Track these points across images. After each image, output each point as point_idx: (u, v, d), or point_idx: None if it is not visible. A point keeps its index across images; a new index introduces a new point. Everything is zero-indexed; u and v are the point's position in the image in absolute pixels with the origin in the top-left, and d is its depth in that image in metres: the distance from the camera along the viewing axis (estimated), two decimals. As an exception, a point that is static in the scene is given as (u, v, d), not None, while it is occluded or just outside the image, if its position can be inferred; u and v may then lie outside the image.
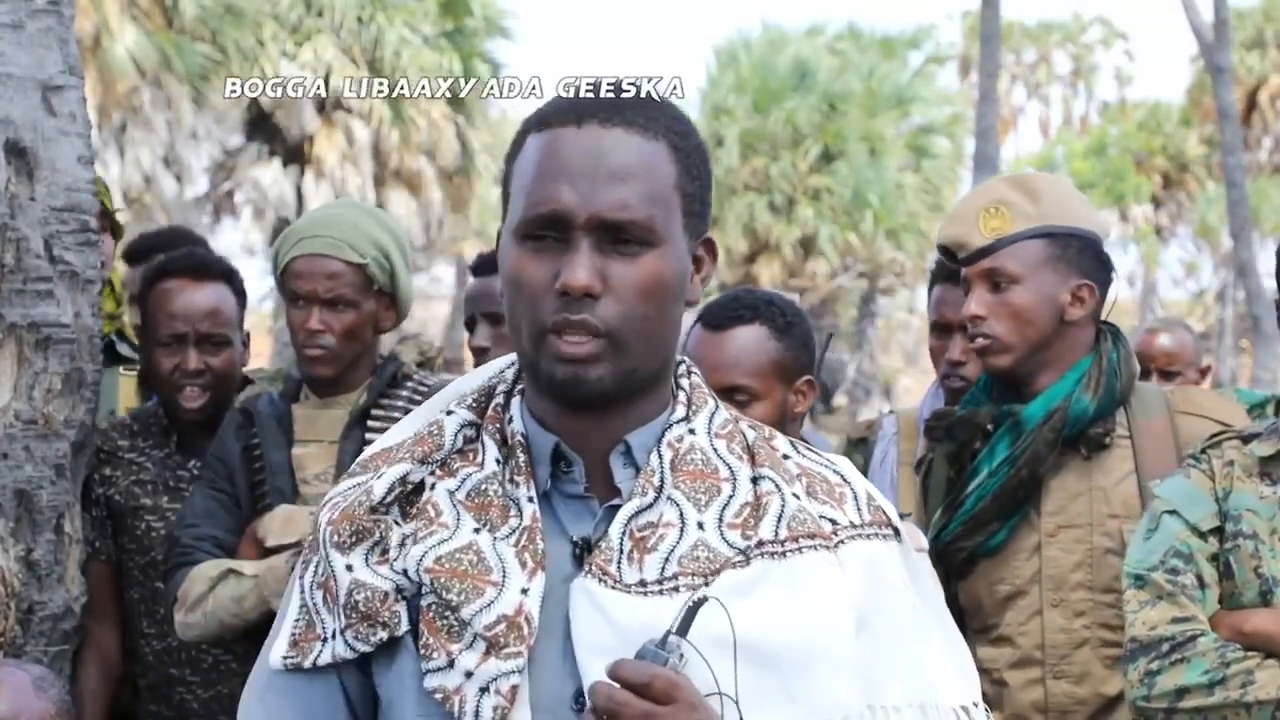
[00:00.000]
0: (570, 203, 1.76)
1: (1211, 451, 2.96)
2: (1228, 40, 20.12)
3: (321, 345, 3.53)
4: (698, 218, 1.83)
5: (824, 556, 1.80)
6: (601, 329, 1.76)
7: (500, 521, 1.81)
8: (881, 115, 31.01)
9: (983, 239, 3.28)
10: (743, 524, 1.80)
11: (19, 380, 3.56)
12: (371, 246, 3.56)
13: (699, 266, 1.85)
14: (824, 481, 1.87)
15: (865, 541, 1.84)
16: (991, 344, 3.28)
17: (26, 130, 3.58)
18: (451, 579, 1.78)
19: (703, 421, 1.85)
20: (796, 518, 1.80)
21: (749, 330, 3.03)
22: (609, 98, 1.81)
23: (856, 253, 30.95)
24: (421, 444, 1.86)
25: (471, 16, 26.44)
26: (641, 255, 1.77)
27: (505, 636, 1.76)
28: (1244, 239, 20.28)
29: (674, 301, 1.80)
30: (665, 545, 1.77)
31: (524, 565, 1.78)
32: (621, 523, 1.79)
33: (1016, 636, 3.30)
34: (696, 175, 1.82)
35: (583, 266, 1.75)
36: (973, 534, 3.30)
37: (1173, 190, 43.46)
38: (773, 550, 1.78)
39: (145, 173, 23.20)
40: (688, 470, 1.81)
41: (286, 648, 1.86)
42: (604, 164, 1.76)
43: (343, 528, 1.83)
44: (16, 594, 3.50)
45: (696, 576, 1.76)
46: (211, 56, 22.63)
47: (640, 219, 1.76)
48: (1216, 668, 2.79)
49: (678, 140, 1.81)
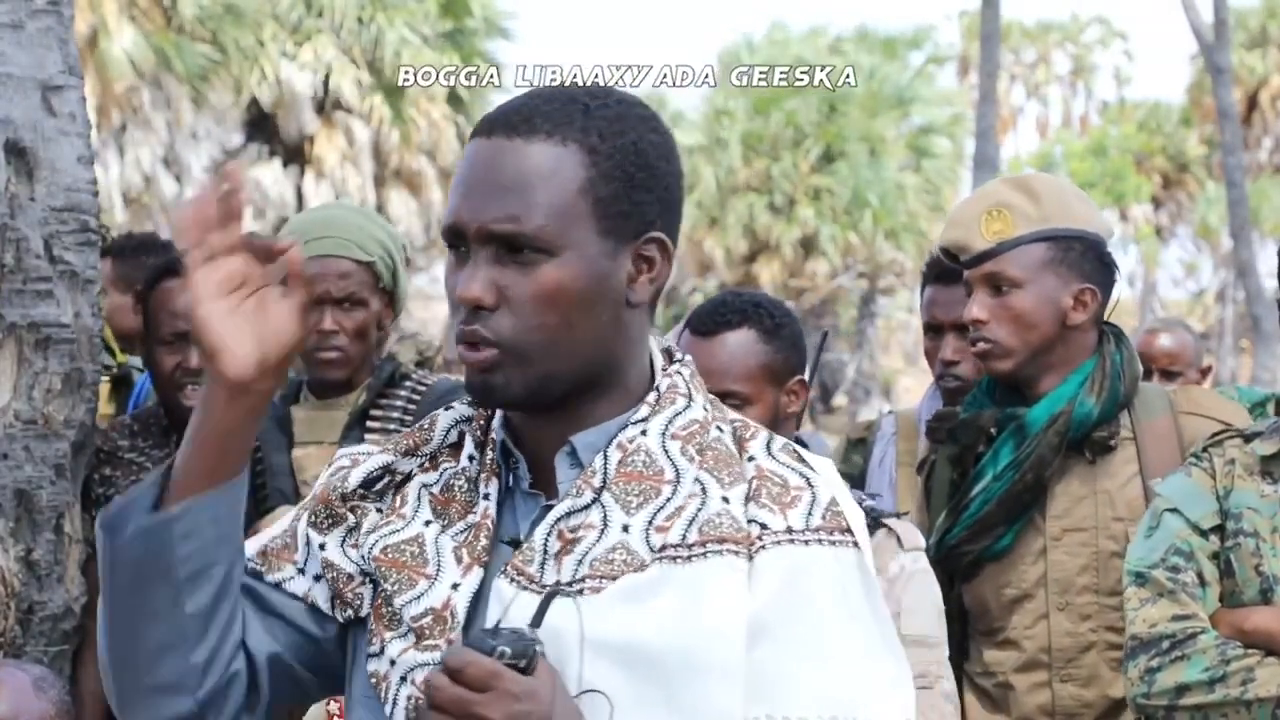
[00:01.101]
0: (464, 216, 1.78)
1: (1213, 450, 2.96)
2: (1228, 40, 20.13)
3: (336, 346, 3.54)
4: (625, 218, 1.79)
5: (730, 562, 1.74)
6: (492, 339, 1.76)
7: (459, 516, 1.84)
8: (882, 115, 31.03)
9: (984, 242, 3.27)
10: (668, 528, 1.77)
11: (19, 380, 3.56)
12: (376, 245, 3.58)
13: (649, 266, 1.82)
14: (780, 485, 1.81)
15: (800, 548, 1.77)
16: (993, 348, 3.27)
17: (26, 130, 3.58)
18: (391, 569, 1.81)
19: (659, 422, 1.82)
20: (711, 521, 1.76)
21: (737, 335, 3.02)
22: (530, 104, 1.80)
23: (856, 253, 30.96)
24: (410, 437, 1.90)
25: (471, 16, 26.46)
26: (538, 265, 1.76)
27: (430, 629, 1.78)
28: (1244, 239, 20.29)
29: (588, 306, 1.78)
30: (582, 547, 1.76)
31: (459, 560, 1.80)
32: (548, 523, 1.78)
33: (1023, 640, 3.29)
34: (620, 177, 1.79)
35: (473, 279, 1.76)
36: (978, 538, 3.29)
37: (1173, 190, 43.46)
38: (675, 554, 1.74)
39: (145, 173, 23.22)
40: (626, 472, 1.79)
41: (255, 553, 1.90)
42: (496, 176, 1.77)
43: (320, 510, 1.89)
44: (16, 594, 3.50)
45: (605, 579, 1.73)
46: (211, 56, 22.64)
47: (528, 230, 1.75)
48: (1217, 665, 2.78)
49: (597, 143, 1.78)
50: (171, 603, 1.79)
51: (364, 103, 25.58)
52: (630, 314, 1.82)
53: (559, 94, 1.81)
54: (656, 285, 1.83)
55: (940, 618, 3.00)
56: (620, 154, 1.79)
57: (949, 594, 3.22)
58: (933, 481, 3.44)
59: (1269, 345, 19.78)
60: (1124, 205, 41.47)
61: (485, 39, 27.18)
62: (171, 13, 22.41)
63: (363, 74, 25.53)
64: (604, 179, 1.78)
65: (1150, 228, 42.73)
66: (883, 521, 3.01)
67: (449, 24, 26.33)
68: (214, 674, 1.83)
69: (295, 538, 1.90)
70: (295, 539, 1.90)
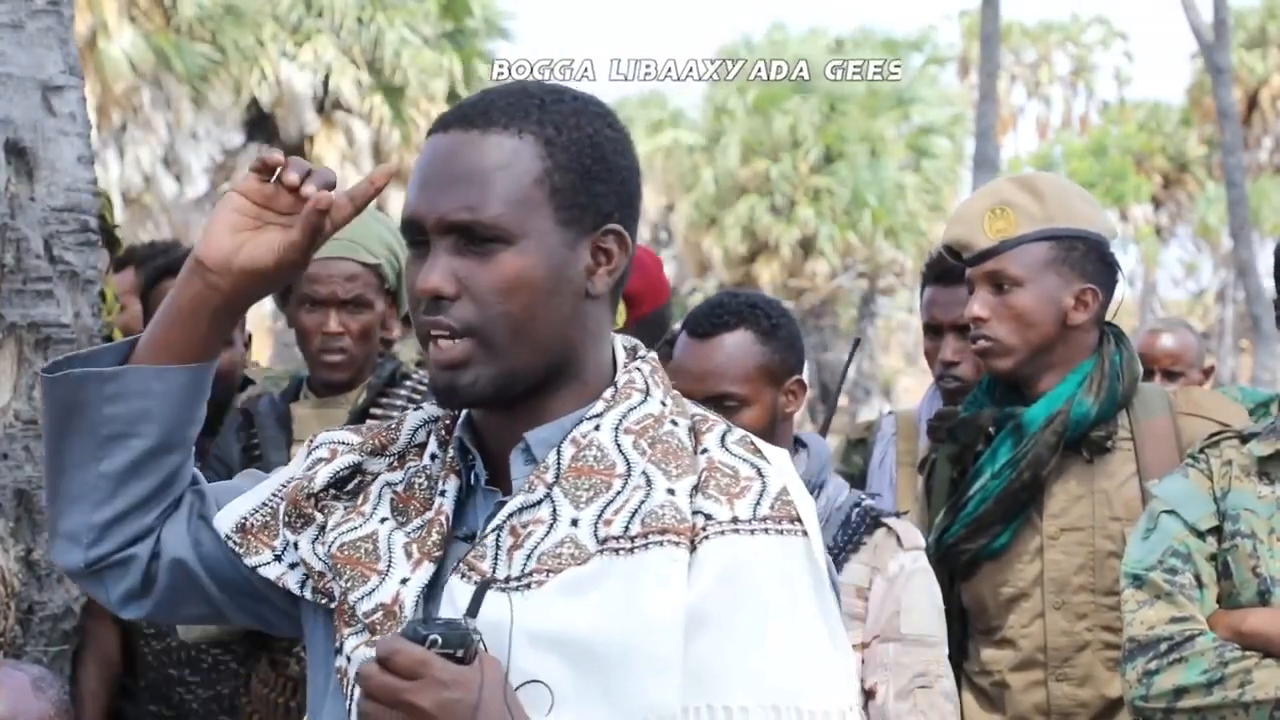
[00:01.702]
0: (421, 208, 1.80)
1: (1210, 451, 2.96)
2: (1228, 40, 20.12)
3: (342, 348, 3.54)
4: (582, 209, 1.81)
5: (671, 553, 1.75)
6: (459, 328, 1.78)
7: (416, 514, 1.86)
8: (882, 116, 31.02)
9: (987, 240, 3.27)
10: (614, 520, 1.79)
11: (19, 380, 3.56)
12: (382, 247, 3.57)
13: (607, 258, 1.83)
14: (730, 475, 1.81)
15: (745, 538, 1.77)
16: (993, 346, 3.28)
17: (26, 130, 3.58)
18: (345, 565, 1.84)
19: (613, 416, 1.83)
20: (654, 513, 1.77)
21: (734, 336, 3.02)
22: (486, 99, 1.83)
23: (856, 253, 30.96)
24: (377, 437, 1.93)
25: (471, 17, 26.46)
26: (497, 254, 1.78)
27: (381, 625, 1.80)
28: (1244, 239, 20.29)
29: (547, 296, 1.79)
30: (531, 542, 1.77)
31: (409, 556, 1.82)
32: (500, 519, 1.80)
33: (1019, 639, 3.30)
34: (575, 169, 1.81)
35: (433, 270, 1.79)
36: (975, 536, 3.30)
37: (1173, 190, 43.46)
38: (618, 546, 1.75)
39: (145, 173, 23.20)
40: (577, 467, 1.80)
41: (232, 529, 1.94)
42: (452, 167, 1.79)
43: (290, 510, 1.92)
44: (16, 594, 3.50)
45: (552, 573, 1.75)
46: (211, 56, 22.63)
47: (484, 219, 1.77)
48: (1214, 667, 2.78)
49: (553, 134, 1.80)
50: (88, 457, 1.91)
51: (364, 103, 25.57)
52: (589, 306, 1.83)
53: (515, 89, 1.84)
54: (615, 277, 1.85)
55: (940, 617, 3.00)
56: (576, 146, 1.81)
57: (948, 593, 3.23)
58: (933, 480, 3.44)
59: (1269, 345, 19.78)
60: (1124, 205, 41.46)
61: (485, 39, 27.18)
62: (171, 13, 22.40)
63: (363, 74, 25.53)
64: (560, 170, 1.80)
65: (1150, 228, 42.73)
66: (882, 521, 3.02)
67: (449, 24, 26.33)
68: (110, 541, 1.93)
69: (276, 518, 1.94)
70: (276, 519, 1.94)
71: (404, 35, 25.54)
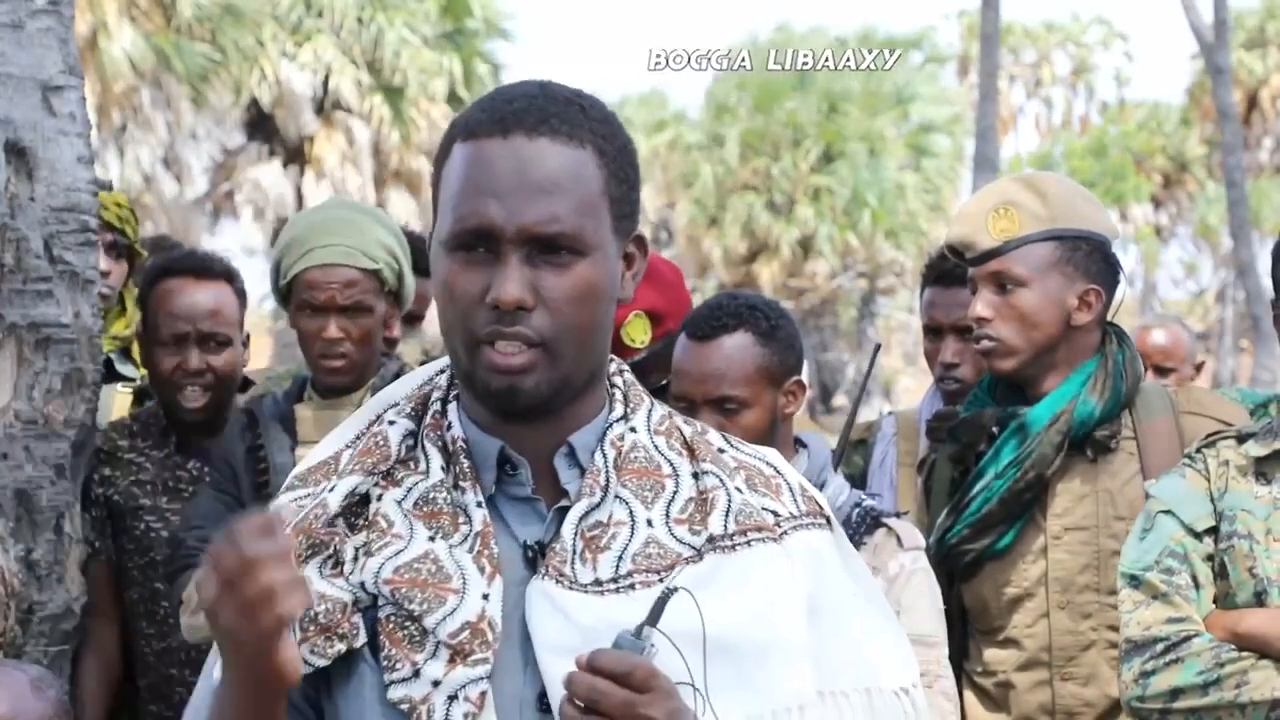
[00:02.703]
0: (498, 217, 1.76)
1: (1206, 451, 2.95)
2: (1228, 40, 20.12)
3: (343, 354, 3.54)
4: (627, 219, 1.84)
5: (771, 549, 1.83)
6: (536, 339, 1.77)
7: (452, 529, 1.82)
8: (881, 115, 31.02)
9: (991, 240, 3.26)
10: (689, 519, 1.83)
11: (19, 380, 3.56)
12: (382, 250, 3.57)
13: (630, 263, 1.86)
14: (760, 474, 1.90)
15: (806, 531, 1.88)
16: (996, 347, 3.27)
17: (26, 130, 3.58)
18: (413, 589, 1.78)
19: (642, 419, 1.87)
20: (743, 511, 1.84)
21: (734, 339, 3.02)
22: (536, 104, 1.80)
23: (856, 253, 30.95)
24: (368, 455, 1.87)
25: (471, 17, 26.45)
26: (572, 265, 1.77)
27: (470, 643, 1.76)
28: (1244, 239, 20.29)
29: (606, 305, 1.81)
30: (618, 544, 1.79)
31: (482, 570, 1.79)
32: (573, 523, 1.80)
33: (1023, 639, 3.29)
34: (623, 178, 1.83)
35: (513, 281, 1.75)
36: (979, 536, 3.29)
37: (1173, 190, 43.46)
38: (723, 545, 1.81)
39: (145, 173, 23.20)
40: (632, 468, 1.83)
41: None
42: (530, 177, 1.77)
43: (300, 541, 1.83)
44: (16, 594, 3.50)
45: (651, 574, 1.78)
46: (211, 56, 22.63)
47: (568, 230, 1.76)
48: (1211, 668, 2.78)
49: (603, 144, 1.81)
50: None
51: (364, 103, 25.57)
52: (615, 313, 1.85)
53: (554, 93, 1.83)
54: (638, 281, 1.87)
55: (940, 617, 3.00)
56: (620, 155, 1.83)
57: (948, 593, 3.22)
58: (932, 480, 3.44)
59: (1269, 345, 19.76)
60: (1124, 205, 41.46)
61: (485, 39, 27.18)
62: (171, 13, 22.39)
63: (363, 74, 25.53)
64: (613, 180, 1.81)
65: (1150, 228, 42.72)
66: (882, 521, 3.02)
67: (449, 24, 26.33)
68: None
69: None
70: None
71: (404, 35, 25.54)
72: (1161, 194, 43.42)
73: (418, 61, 25.50)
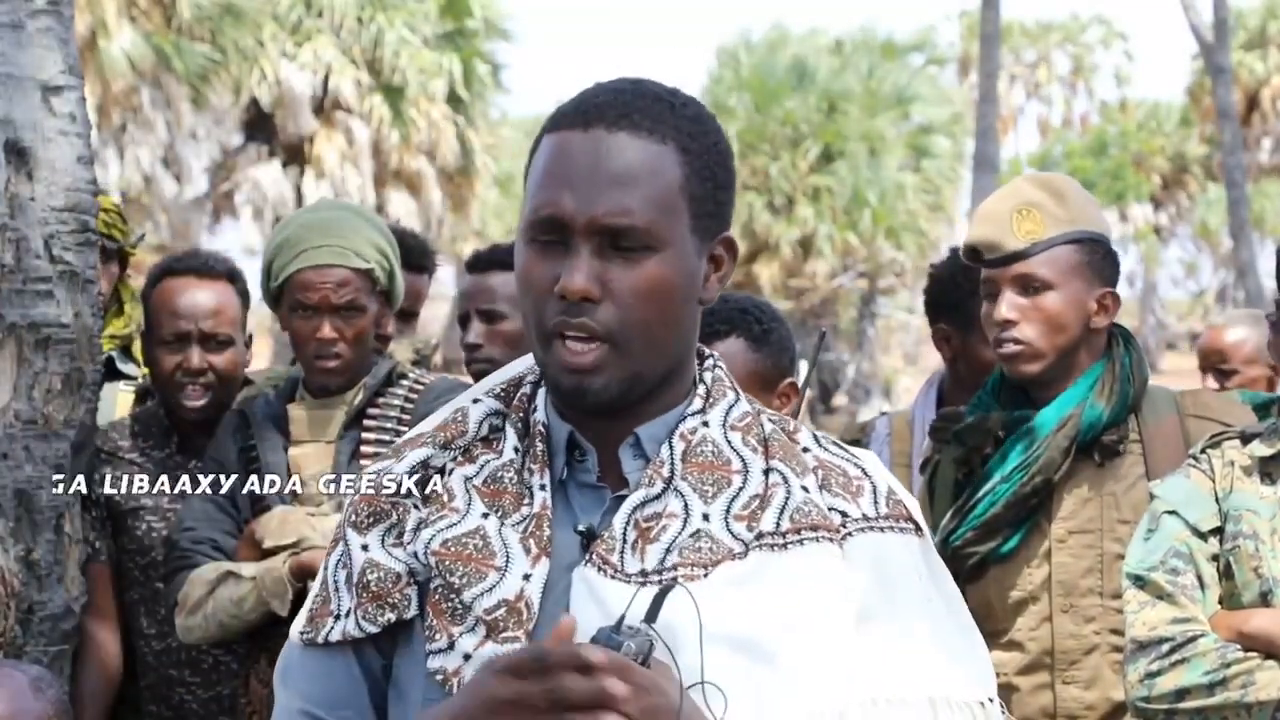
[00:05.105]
0: (569, 208, 1.76)
1: (1211, 451, 2.95)
2: (1228, 40, 20.13)
3: (336, 354, 3.54)
4: (710, 218, 1.83)
5: (826, 549, 1.80)
6: (600, 332, 1.77)
7: (513, 508, 1.83)
8: (881, 115, 31.01)
9: (1017, 241, 3.23)
10: (749, 516, 1.81)
11: (19, 380, 3.56)
12: (373, 250, 3.57)
13: (718, 265, 1.86)
14: (841, 475, 1.87)
15: (878, 534, 1.84)
16: (1024, 350, 3.24)
17: (26, 130, 3.58)
18: (456, 562, 1.80)
19: (718, 414, 1.86)
20: (801, 509, 1.81)
21: (726, 344, 3.01)
22: (621, 99, 1.81)
23: (856, 253, 30.94)
24: (445, 430, 1.89)
25: (471, 17, 26.43)
26: (643, 259, 1.77)
27: (505, 621, 1.78)
28: (1244, 239, 20.29)
29: (681, 303, 1.80)
30: (667, 536, 1.78)
31: (528, 551, 1.80)
32: (625, 513, 1.80)
33: (1026, 641, 3.29)
34: (709, 177, 1.82)
35: (580, 271, 1.76)
36: (984, 539, 3.28)
37: (1173, 190, 43.48)
38: (772, 542, 1.79)
39: (145, 173, 23.19)
40: (697, 462, 1.82)
41: (304, 623, 1.90)
42: (605, 168, 1.77)
43: (360, 508, 1.87)
44: (16, 594, 3.50)
45: (696, 567, 1.77)
46: (210, 56, 22.62)
47: (640, 224, 1.76)
48: (1217, 668, 2.77)
49: (688, 142, 1.81)
50: None
51: (364, 103, 25.55)
52: (698, 313, 1.86)
53: (644, 89, 1.83)
54: (724, 284, 1.87)
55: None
56: (708, 154, 1.83)
57: (950, 595, 3.21)
58: (935, 482, 3.42)
59: (1269, 346, 19.74)
60: (1124, 205, 41.47)
61: (485, 39, 27.16)
62: (171, 13, 22.38)
63: (362, 74, 25.51)
64: (697, 178, 1.81)
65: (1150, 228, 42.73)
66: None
67: (449, 24, 26.31)
68: None
69: (326, 586, 1.90)
70: (326, 587, 1.90)
71: (404, 35, 25.52)
72: (1161, 194, 43.44)
73: (418, 61, 25.49)
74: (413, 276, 4.52)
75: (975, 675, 1.86)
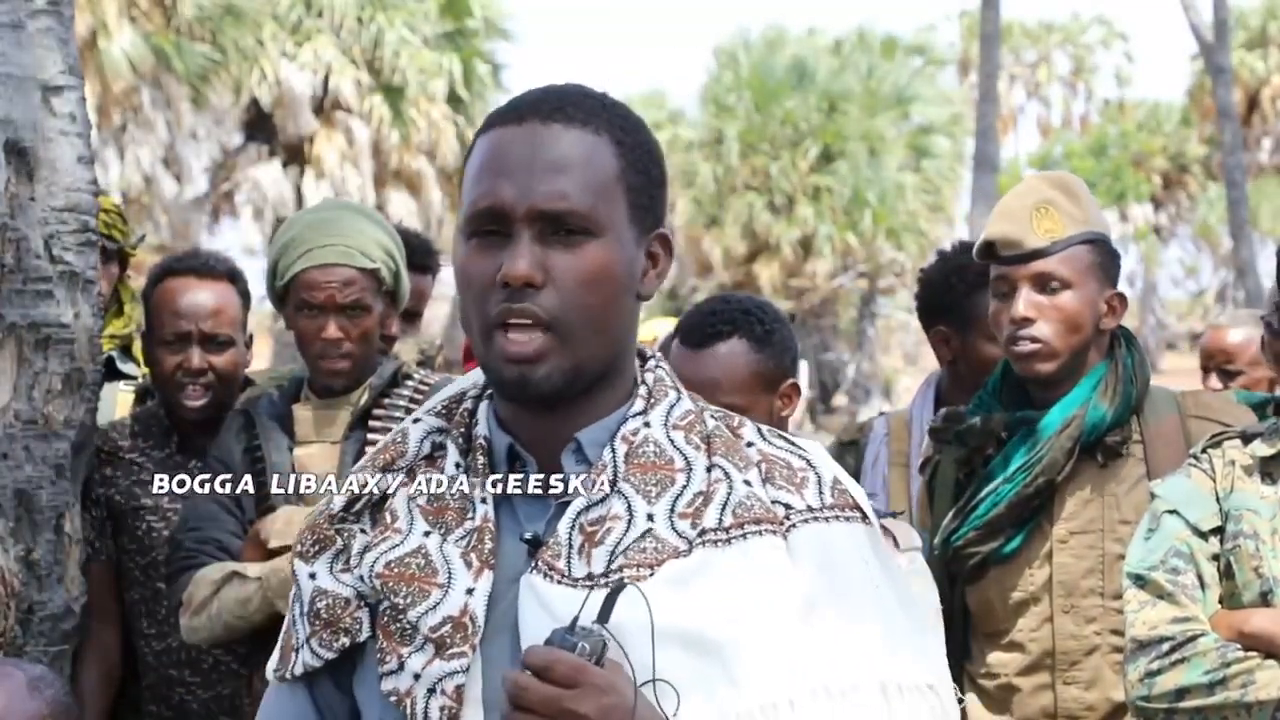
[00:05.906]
0: (508, 196, 1.78)
1: (1212, 451, 2.95)
2: (1228, 40, 20.13)
3: (342, 354, 3.53)
4: (646, 211, 1.84)
5: (770, 541, 1.80)
6: (545, 318, 1.77)
7: (456, 524, 1.84)
8: (881, 115, 31.01)
9: (1037, 240, 3.22)
10: (693, 513, 1.81)
11: (19, 380, 3.56)
12: (379, 250, 3.57)
13: (654, 262, 1.86)
14: (785, 467, 1.87)
15: (823, 524, 1.84)
16: (1040, 349, 3.23)
17: (26, 130, 3.58)
18: (399, 583, 1.81)
19: (659, 413, 1.86)
20: (743, 504, 1.81)
21: (729, 345, 3.00)
22: (552, 95, 1.83)
23: (856, 253, 30.94)
24: (385, 452, 1.91)
25: (471, 17, 26.45)
26: (584, 244, 1.78)
27: (451, 637, 1.78)
28: (1244, 239, 20.30)
29: (621, 291, 1.81)
30: (612, 538, 1.79)
31: (469, 565, 1.81)
32: (570, 518, 1.80)
33: (1027, 642, 3.28)
34: (643, 170, 1.84)
35: (522, 257, 1.77)
36: (986, 540, 3.27)
37: (1173, 190, 43.49)
38: (716, 538, 1.79)
39: (145, 173, 23.20)
40: (639, 463, 1.82)
41: (276, 659, 1.93)
42: (541, 157, 1.79)
43: (305, 537, 1.89)
44: (16, 594, 3.50)
45: (642, 568, 1.77)
46: (211, 56, 22.62)
47: (579, 208, 1.78)
48: (1217, 668, 2.77)
49: (622, 135, 1.83)
50: None
51: (364, 103, 25.56)
52: (637, 307, 1.86)
53: (575, 88, 1.85)
54: (660, 281, 1.87)
55: (937, 618, 2.99)
56: (641, 149, 1.84)
57: (950, 594, 3.22)
58: (936, 482, 3.41)
59: (1268, 345, 19.74)
60: (1124, 205, 41.48)
61: (485, 39, 27.17)
62: (171, 13, 22.39)
63: (362, 74, 25.52)
64: (632, 169, 1.82)
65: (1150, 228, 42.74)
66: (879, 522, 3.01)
67: (449, 24, 26.32)
68: None
69: (291, 621, 1.93)
70: (291, 622, 1.93)
71: (404, 35, 25.53)
72: (1161, 194, 43.45)
73: (417, 61, 25.50)
74: (417, 276, 4.53)
75: (924, 660, 1.85)
